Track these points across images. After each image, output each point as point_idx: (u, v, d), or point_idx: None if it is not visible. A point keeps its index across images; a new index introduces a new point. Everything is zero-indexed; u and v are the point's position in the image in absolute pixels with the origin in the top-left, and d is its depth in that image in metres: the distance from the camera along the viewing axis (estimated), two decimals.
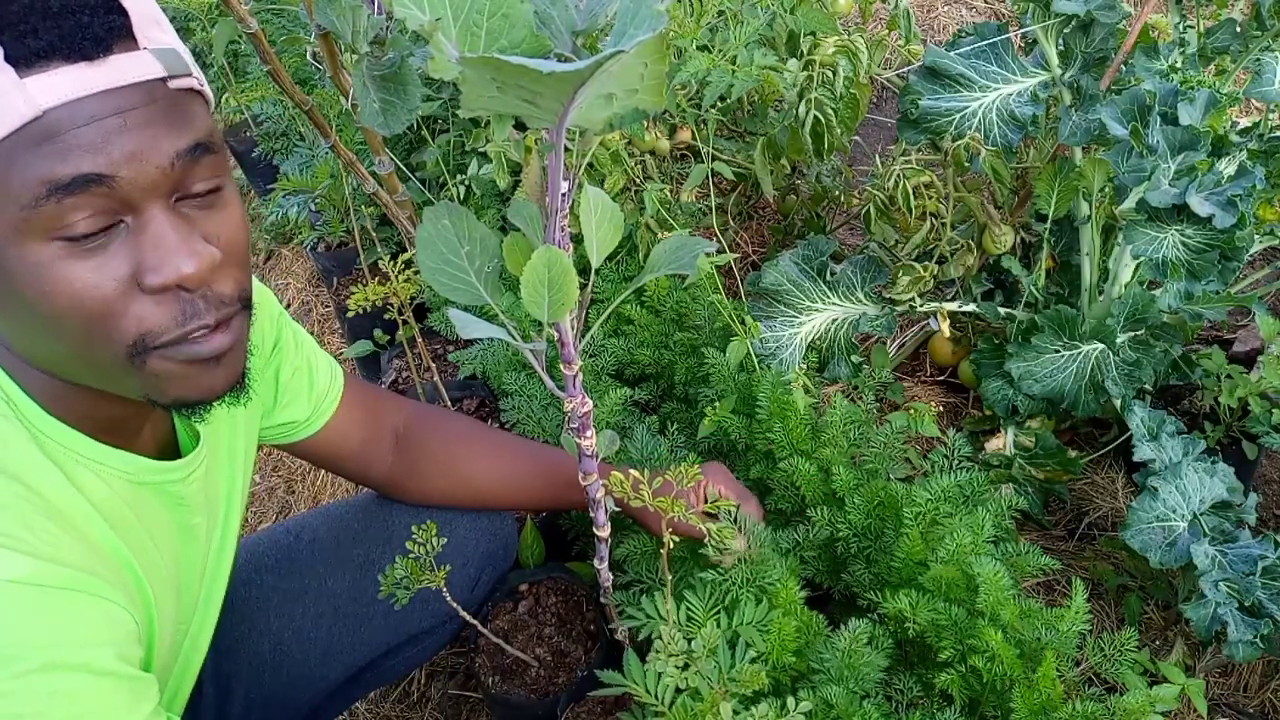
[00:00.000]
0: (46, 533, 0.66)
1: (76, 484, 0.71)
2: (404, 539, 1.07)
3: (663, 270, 0.84)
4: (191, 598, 0.90)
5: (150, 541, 0.78)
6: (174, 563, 0.83)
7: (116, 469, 0.75)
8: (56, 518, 0.68)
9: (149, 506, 0.79)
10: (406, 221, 1.41)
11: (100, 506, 0.72)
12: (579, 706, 1.26)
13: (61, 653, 0.62)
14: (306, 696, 1.18)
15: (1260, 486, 1.73)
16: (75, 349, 0.68)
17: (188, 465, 0.83)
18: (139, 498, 0.77)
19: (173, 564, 0.83)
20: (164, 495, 0.81)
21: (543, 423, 1.50)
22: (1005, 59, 1.58)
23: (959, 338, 1.90)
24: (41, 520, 0.67)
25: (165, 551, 0.81)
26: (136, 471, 0.77)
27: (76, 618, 0.65)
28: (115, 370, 0.69)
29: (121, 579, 0.73)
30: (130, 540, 0.75)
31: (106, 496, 0.73)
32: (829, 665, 1.04)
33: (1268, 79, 1.52)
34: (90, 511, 0.71)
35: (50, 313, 0.65)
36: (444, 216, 0.75)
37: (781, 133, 1.83)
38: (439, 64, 0.60)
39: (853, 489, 1.23)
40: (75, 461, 0.72)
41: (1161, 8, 1.82)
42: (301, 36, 1.21)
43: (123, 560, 0.74)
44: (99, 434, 0.73)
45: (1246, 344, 1.78)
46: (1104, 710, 1.00)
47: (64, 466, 0.71)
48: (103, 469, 0.73)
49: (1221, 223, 1.29)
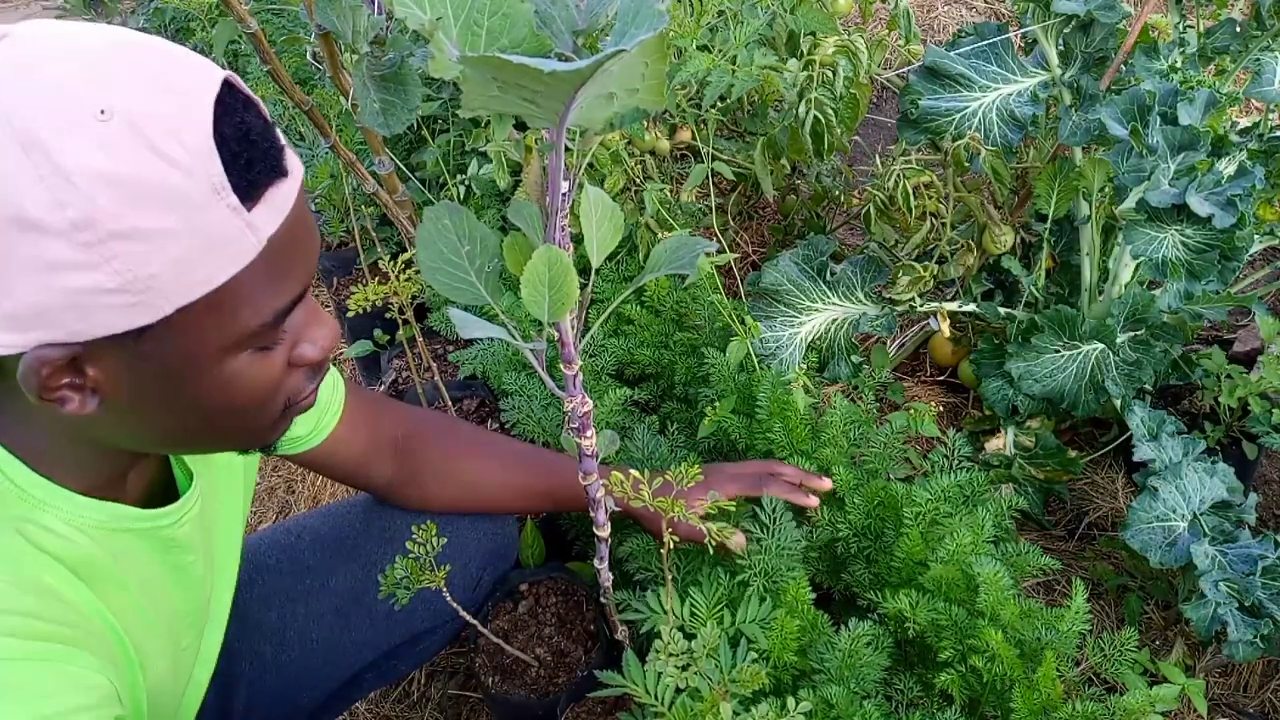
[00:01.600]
0: (11, 601, 0.65)
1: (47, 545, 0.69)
2: (405, 539, 1.07)
3: (663, 270, 0.84)
4: (195, 625, 0.90)
5: (137, 589, 0.77)
6: (166, 601, 0.82)
7: (101, 520, 0.73)
8: (22, 582, 0.67)
9: (136, 552, 0.77)
10: (406, 221, 1.41)
11: (75, 564, 0.71)
12: (579, 706, 1.26)
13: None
14: (308, 696, 1.18)
15: (1260, 486, 1.73)
16: (222, 431, 0.73)
17: (179, 510, 0.82)
18: (125, 545, 0.76)
19: (164, 603, 0.82)
20: (153, 540, 0.79)
21: (543, 423, 1.50)
22: (1005, 59, 1.58)
23: (959, 338, 1.90)
24: (7, 587, 0.66)
25: (155, 594, 0.80)
26: (119, 520, 0.75)
27: (41, 689, 0.64)
28: (252, 437, 0.75)
29: (97, 638, 0.72)
30: (108, 595, 0.74)
31: (86, 551, 0.72)
32: (829, 665, 1.05)
33: (1267, 79, 1.52)
34: (62, 571, 0.70)
35: (220, 407, 0.69)
36: (444, 216, 0.75)
37: (781, 133, 1.83)
38: (439, 64, 0.61)
39: (853, 489, 1.23)
40: (56, 515, 0.70)
41: (1161, 8, 1.82)
42: (301, 36, 1.21)
43: (99, 617, 0.73)
44: (82, 488, 0.72)
45: (1246, 344, 1.78)
46: (1104, 710, 1.00)
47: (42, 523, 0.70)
48: (86, 521, 0.72)
49: (1221, 223, 1.29)
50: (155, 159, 0.57)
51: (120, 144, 0.56)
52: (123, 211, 0.56)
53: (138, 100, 0.57)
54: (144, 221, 0.57)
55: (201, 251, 0.59)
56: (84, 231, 0.56)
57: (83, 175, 0.55)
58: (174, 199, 0.58)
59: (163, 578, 0.82)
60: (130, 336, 0.60)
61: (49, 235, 0.55)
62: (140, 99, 0.58)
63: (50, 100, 0.56)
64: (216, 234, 0.60)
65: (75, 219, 0.55)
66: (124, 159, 0.56)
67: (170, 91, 0.59)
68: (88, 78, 0.57)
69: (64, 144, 0.55)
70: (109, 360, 0.62)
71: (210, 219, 0.59)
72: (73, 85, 0.57)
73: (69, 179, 0.55)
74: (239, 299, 0.63)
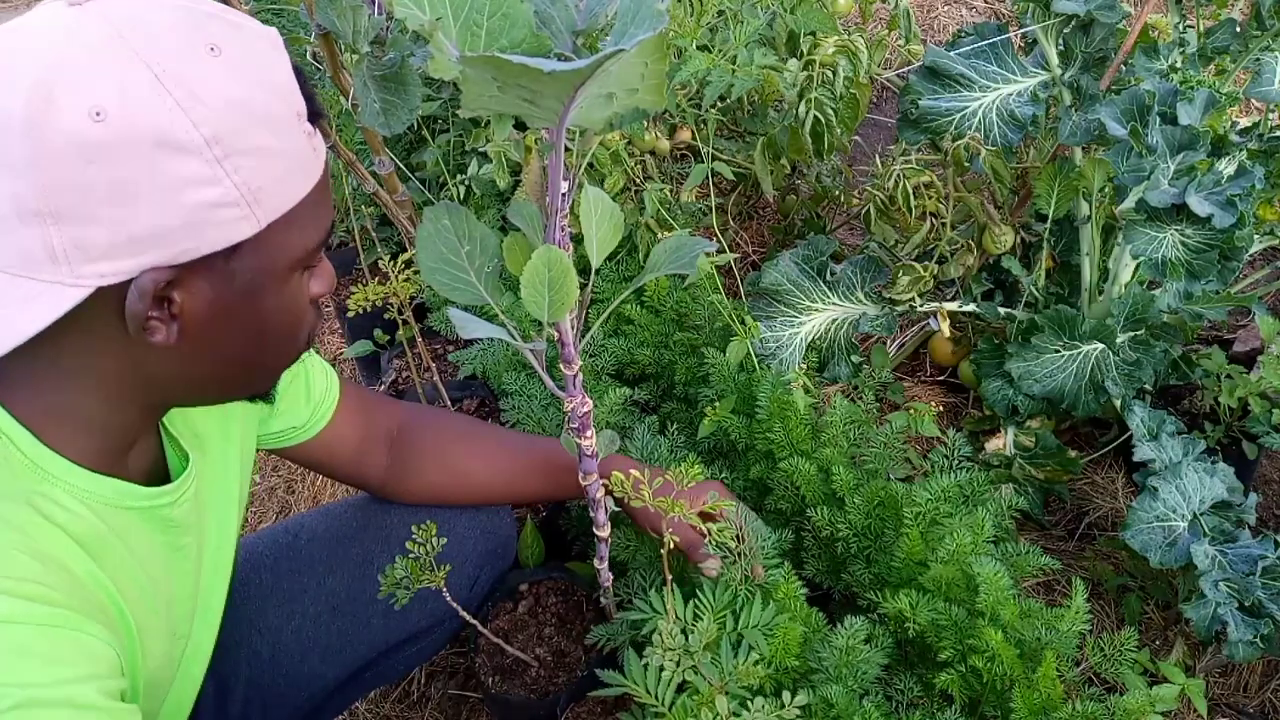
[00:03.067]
0: (25, 568, 0.66)
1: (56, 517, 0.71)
2: (403, 538, 1.07)
3: (663, 270, 0.84)
4: (186, 611, 0.90)
5: (137, 566, 0.78)
6: (164, 582, 0.83)
7: (105, 496, 0.75)
8: (35, 552, 0.68)
9: (136, 531, 0.79)
10: (406, 221, 1.41)
11: (81, 538, 0.72)
12: (579, 706, 1.27)
13: (42, 690, 0.62)
14: (306, 695, 1.18)
15: (1260, 486, 1.73)
16: (272, 359, 0.80)
17: (177, 489, 0.83)
18: (126, 523, 0.77)
19: (163, 584, 0.83)
20: (152, 519, 0.81)
21: (543, 423, 1.50)
22: (1005, 59, 1.58)
23: (959, 338, 1.90)
24: (20, 556, 0.67)
25: (154, 573, 0.81)
26: (124, 497, 0.77)
27: (56, 654, 0.65)
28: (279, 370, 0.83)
29: (103, 611, 0.73)
30: (113, 569, 0.75)
31: (91, 525, 0.73)
32: (827, 664, 1.04)
33: (1267, 79, 1.52)
34: (70, 544, 0.71)
35: (281, 329, 0.76)
36: (444, 216, 0.75)
37: (781, 133, 1.83)
38: (439, 63, 0.61)
39: (853, 489, 1.23)
40: (64, 490, 0.72)
41: (1161, 8, 1.82)
42: (301, 36, 1.21)
43: (104, 591, 0.74)
44: (88, 463, 0.74)
45: (1246, 344, 1.78)
46: (1104, 710, 1.00)
47: (50, 495, 0.71)
48: (91, 496, 0.74)
49: (1221, 222, 1.29)
50: (262, 88, 0.66)
51: (235, 73, 0.64)
52: (244, 129, 0.64)
53: (236, 41, 0.66)
54: (258, 139, 0.65)
55: (292, 168, 0.69)
56: (215, 147, 0.63)
57: (213, 98, 0.63)
58: (277, 122, 0.67)
59: (160, 558, 0.83)
60: (224, 256, 0.67)
61: (186, 152, 0.62)
62: (238, 40, 0.66)
63: (168, 38, 0.63)
64: (300, 153, 0.69)
65: (209, 135, 0.62)
66: (242, 85, 0.65)
67: (255, 36, 0.68)
68: (190, 21, 0.65)
69: (192, 72, 0.63)
70: (199, 284, 0.67)
71: (297, 141, 0.69)
72: (183, 27, 0.64)
73: (202, 100, 0.62)
74: (305, 216, 0.71)
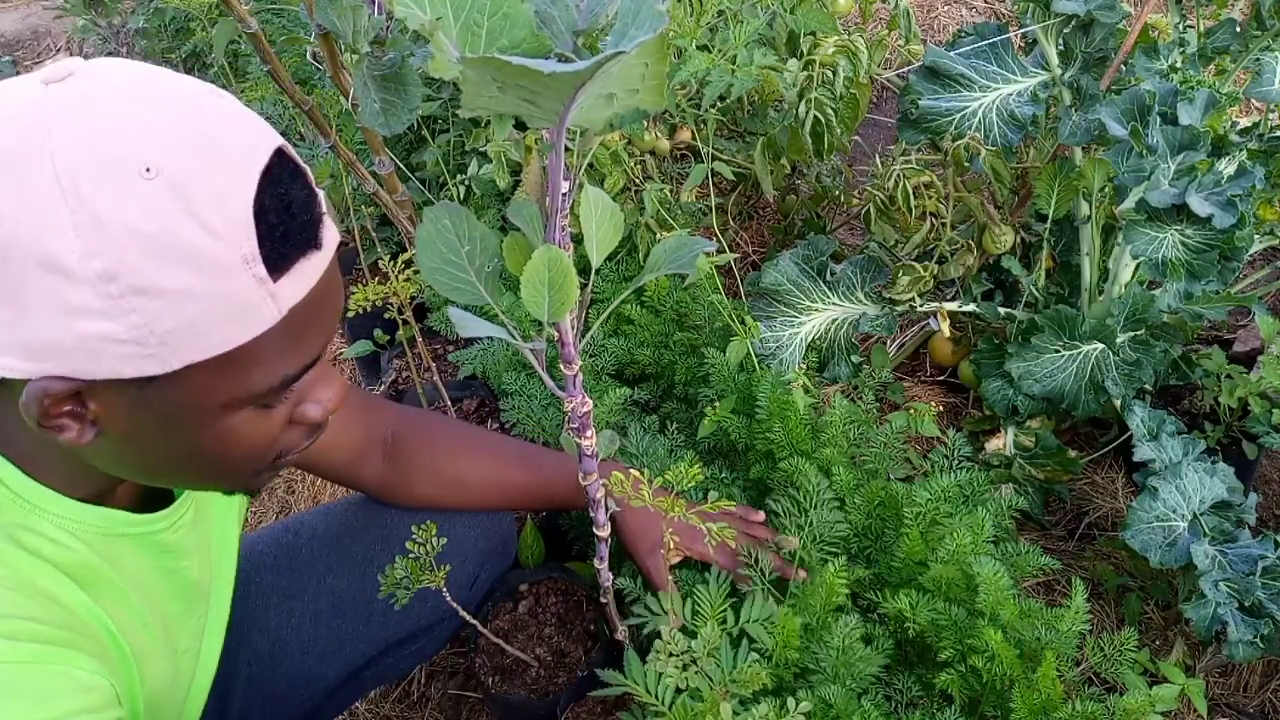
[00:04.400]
0: (9, 604, 0.66)
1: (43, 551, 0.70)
2: (403, 537, 1.07)
3: (663, 270, 0.84)
4: (193, 628, 0.90)
5: (131, 591, 0.78)
6: (161, 603, 0.83)
7: (95, 524, 0.74)
8: (20, 586, 0.67)
9: (129, 556, 0.78)
10: (406, 221, 1.41)
11: (69, 569, 0.71)
12: (579, 706, 1.26)
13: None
14: (306, 694, 1.18)
15: (1260, 486, 1.73)
16: (211, 475, 0.73)
17: (173, 514, 0.82)
18: (117, 550, 0.76)
19: (159, 604, 0.82)
20: (146, 545, 0.80)
21: (543, 423, 1.50)
22: (1005, 59, 1.58)
23: (959, 338, 1.90)
24: (7, 592, 0.66)
25: (149, 596, 0.80)
26: (114, 525, 0.76)
27: (45, 691, 0.64)
28: (237, 484, 0.76)
29: (95, 640, 0.72)
30: (104, 598, 0.74)
31: (80, 555, 0.72)
32: (825, 664, 1.04)
33: (1267, 79, 1.52)
34: (58, 576, 0.70)
35: (216, 456, 0.69)
36: (444, 216, 0.75)
37: (781, 133, 1.83)
38: (439, 64, 0.61)
39: (853, 489, 1.23)
40: (51, 521, 0.71)
41: (1161, 8, 1.82)
42: (301, 36, 1.21)
43: (96, 620, 0.73)
44: (78, 493, 0.72)
45: (1246, 344, 1.78)
46: (1104, 710, 1.00)
47: (36, 528, 0.70)
48: (79, 526, 0.72)
49: (1221, 223, 1.29)
50: (190, 222, 0.57)
51: (158, 203, 0.57)
52: (147, 268, 0.57)
53: (186, 162, 0.58)
54: (167, 280, 0.57)
55: (219, 315, 0.60)
56: (109, 284, 0.56)
57: (115, 228, 0.56)
58: (201, 263, 0.58)
59: (157, 582, 0.82)
60: (136, 383, 0.61)
61: (74, 281, 0.56)
62: (189, 161, 0.58)
63: (99, 148, 0.56)
64: (237, 300, 0.60)
65: (101, 270, 0.56)
66: (158, 219, 0.57)
67: (221, 157, 0.60)
68: (143, 131, 0.58)
69: (102, 194, 0.56)
70: (111, 398, 0.63)
71: (234, 286, 0.60)
72: (125, 136, 0.57)
73: (103, 229, 0.56)
74: (251, 362, 0.64)
